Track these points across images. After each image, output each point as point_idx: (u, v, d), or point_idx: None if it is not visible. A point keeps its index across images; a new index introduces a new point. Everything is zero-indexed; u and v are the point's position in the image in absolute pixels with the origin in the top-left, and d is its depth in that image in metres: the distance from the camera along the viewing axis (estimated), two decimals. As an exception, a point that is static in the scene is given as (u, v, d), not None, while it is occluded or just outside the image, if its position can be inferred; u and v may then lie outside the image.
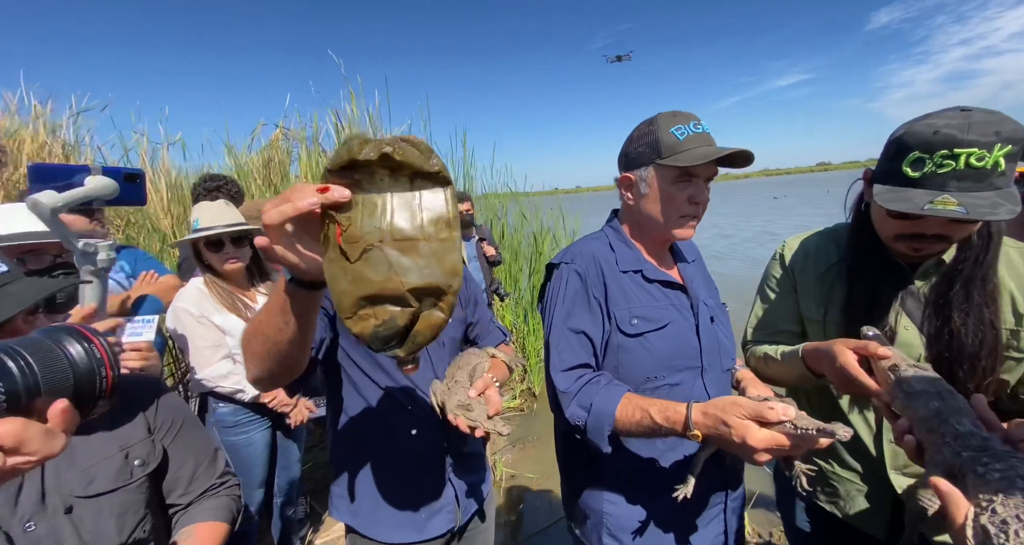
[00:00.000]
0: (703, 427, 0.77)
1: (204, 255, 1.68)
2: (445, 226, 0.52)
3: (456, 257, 0.53)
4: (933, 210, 0.74)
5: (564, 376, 0.94)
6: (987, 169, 0.74)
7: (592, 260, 1.00)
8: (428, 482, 1.10)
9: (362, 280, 0.51)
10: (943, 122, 0.76)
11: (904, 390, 0.66)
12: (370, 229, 0.51)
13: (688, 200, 0.95)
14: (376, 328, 0.53)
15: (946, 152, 0.75)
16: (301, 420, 1.86)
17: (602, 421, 0.87)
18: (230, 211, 1.73)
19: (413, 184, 0.52)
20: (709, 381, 1.01)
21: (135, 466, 0.73)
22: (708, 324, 1.03)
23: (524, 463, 2.91)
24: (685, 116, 0.96)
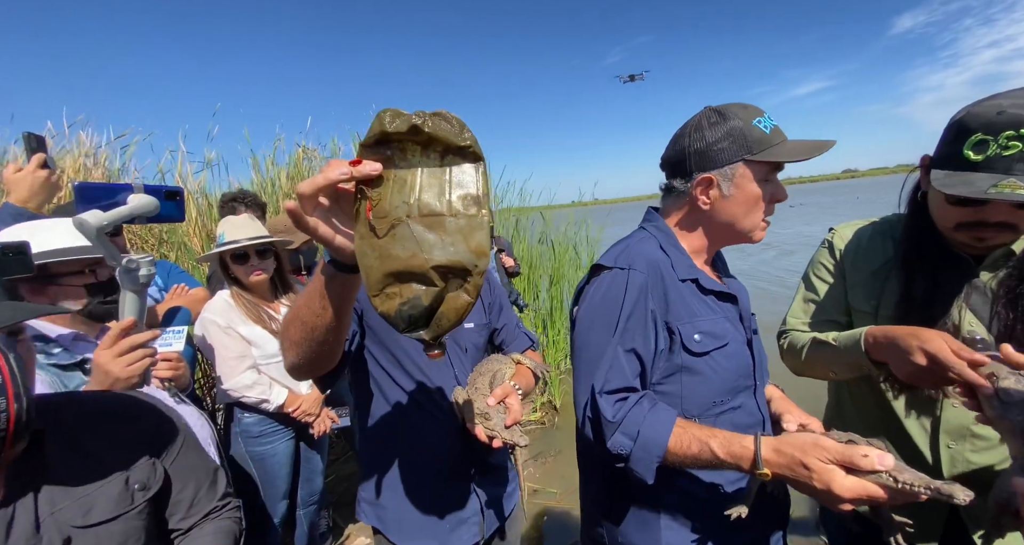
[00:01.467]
0: (775, 466, 0.69)
1: (230, 268, 1.72)
2: (474, 203, 0.51)
3: (483, 236, 0.51)
4: (1000, 194, 0.69)
5: (609, 400, 0.81)
6: None
7: (654, 266, 0.87)
8: (452, 490, 1.08)
9: (388, 256, 0.51)
10: (1009, 102, 0.71)
11: (1001, 399, 0.63)
12: (398, 204, 0.51)
13: (772, 199, 0.87)
14: (400, 306, 0.52)
15: (1012, 133, 0.70)
16: (324, 430, 1.87)
17: (651, 452, 0.77)
18: (254, 224, 1.78)
19: (444, 160, 0.51)
20: (760, 397, 0.94)
21: (136, 491, 0.68)
22: (754, 336, 0.97)
23: (546, 478, 2.84)
24: (756, 108, 0.86)
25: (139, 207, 0.82)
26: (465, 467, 1.08)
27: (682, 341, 0.84)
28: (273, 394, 1.71)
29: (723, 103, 0.89)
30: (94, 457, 0.67)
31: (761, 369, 0.95)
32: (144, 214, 0.84)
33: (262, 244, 1.71)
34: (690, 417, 0.85)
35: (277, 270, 1.83)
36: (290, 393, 1.77)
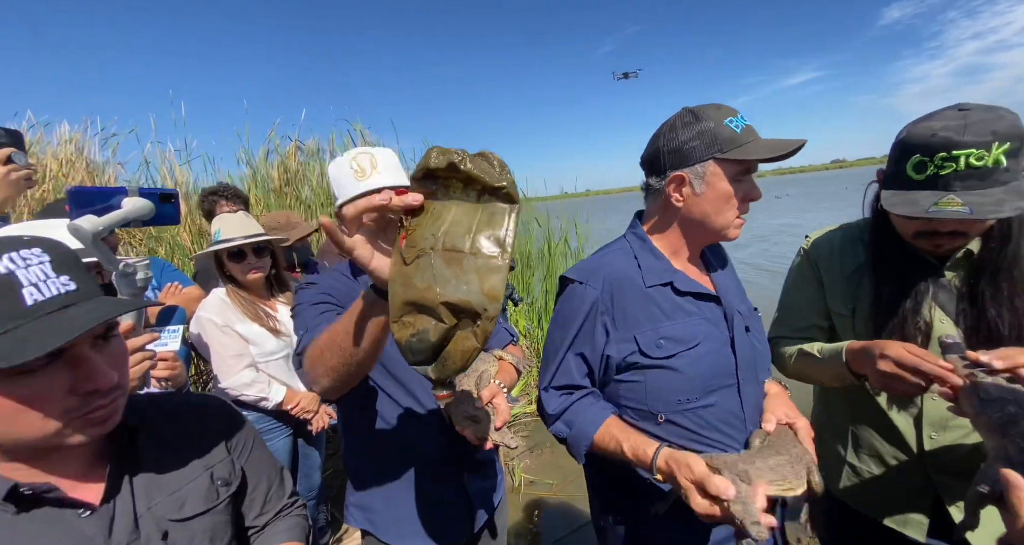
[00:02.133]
0: (664, 473, 0.79)
1: (226, 266, 1.72)
2: (496, 244, 0.51)
3: (498, 281, 0.50)
4: (939, 212, 0.75)
5: (552, 395, 0.97)
6: (988, 167, 0.74)
7: (609, 282, 0.94)
8: (441, 489, 1.10)
9: (409, 285, 0.52)
10: (940, 124, 0.77)
11: (980, 397, 0.68)
12: (427, 235, 0.52)
13: (745, 197, 0.90)
14: (410, 337, 0.52)
15: (945, 154, 0.76)
16: (323, 426, 1.88)
17: (580, 442, 0.92)
18: (250, 222, 1.77)
19: (480, 198, 0.53)
20: (746, 395, 0.94)
21: (219, 487, 0.70)
22: (743, 335, 0.97)
23: (542, 470, 2.89)
24: (729, 109, 0.89)
25: (134, 211, 0.82)
26: (453, 465, 1.09)
27: (641, 348, 0.90)
28: (272, 392, 1.71)
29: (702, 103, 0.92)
30: (181, 453, 0.69)
31: (749, 367, 0.95)
32: (139, 218, 0.83)
33: (259, 242, 1.70)
34: (653, 412, 0.91)
35: (273, 267, 1.82)
36: (288, 390, 1.77)
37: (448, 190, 0.53)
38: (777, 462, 0.77)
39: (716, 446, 0.91)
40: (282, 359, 1.78)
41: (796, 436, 0.86)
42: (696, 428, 0.91)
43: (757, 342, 0.99)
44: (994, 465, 0.60)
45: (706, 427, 0.91)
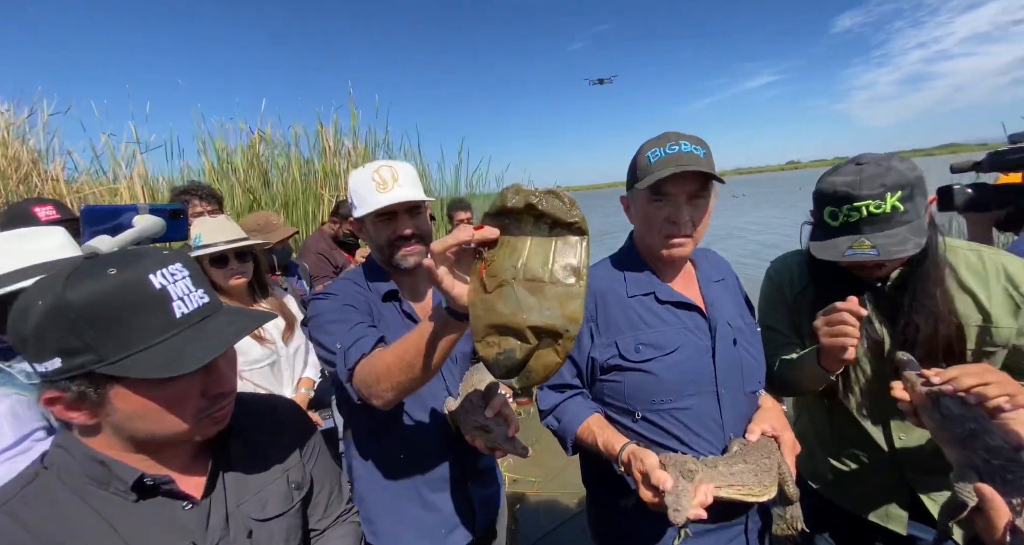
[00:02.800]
0: (625, 465, 0.88)
1: (207, 272, 1.64)
2: (572, 273, 0.57)
3: (578, 305, 0.57)
4: (852, 255, 0.89)
5: (546, 393, 1.08)
6: (888, 213, 0.88)
7: (594, 292, 1.03)
8: (446, 497, 1.12)
9: (493, 311, 0.58)
10: (840, 180, 0.92)
11: (942, 413, 0.74)
12: (507, 267, 0.59)
13: (666, 220, 0.97)
14: (498, 355, 0.59)
15: (849, 206, 0.90)
16: (310, 434, 1.85)
17: (566, 435, 1.03)
18: (231, 226, 1.71)
19: (552, 231, 0.59)
20: (727, 405, 0.99)
21: (294, 490, 0.73)
22: (728, 347, 1.01)
23: (524, 467, 2.94)
24: (667, 137, 0.98)
25: (147, 229, 0.79)
26: (458, 473, 1.12)
27: (621, 352, 0.99)
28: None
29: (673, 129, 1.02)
30: (264, 455, 0.72)
31: (732, 376, 1.00)
32: (151, 235, 0.80)
33: (242, 247, 1.64)
34: (632, 410, 1.00)
35: (255, 272, 1.76)
36: (275, 399, 1.73)
37: (521, 224, 0.59)
38: (741, 469, 0.84)
39: (689, 449, 0.96)
40: (267, 367, 1.74)
41: (779, 448, 0.92)
42: (670, 428, 0.98)
43: (747, 354, 1.04)
44: (962, 476, 0.66)
45: (681, 428, 0.97)
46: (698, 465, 0.83)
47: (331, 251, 3.03)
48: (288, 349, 1.82)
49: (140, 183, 4.13)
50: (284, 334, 1.80)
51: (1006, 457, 0.64)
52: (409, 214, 1.08)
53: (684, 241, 0.98)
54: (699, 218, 0.97)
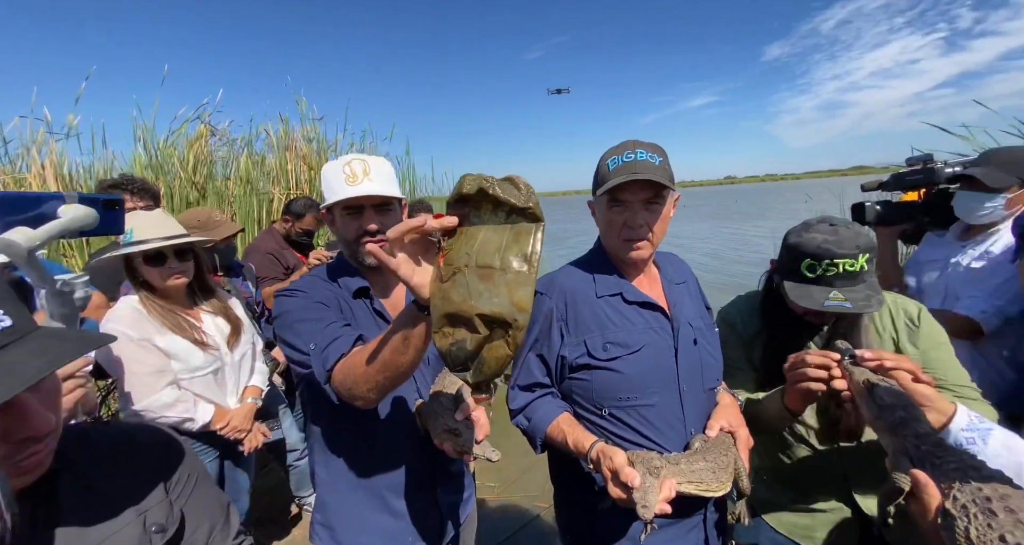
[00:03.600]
0: (594, 463, 0.90)
1: (140, 271, 1.50)
2: (524, 260, 0.56)
3: (527, 293, 0.55)
4: (831, 306, 1.00)
5: (518, 393, 1.09)
6: (858, 271, 1.00)
7: (563, 292, 1.08)
8: (414, 503, 1.08)
9: (447, 299, 0.57)
10: (821, 238, 1.02)
11: (876, 402, 0.80)
12: (462, 254, 0.58)
13: (624, 225, 1.02)
14: (450, 346, 0.57)
15: (829, 261, 1.01)
16: (256, 445, 1.73)
17: (535, 434, 1.05)
18: (170, 222, 1.57)
19: (508, 219, 0.58)
20: (688, 402, 1.04)
21: (153, 533, 0.62)
22: (690, 346, 1.07)
23: (483, 473, 2.90)
24: (625, 146, 1.03)
25: (76, 219, 0.71)
26: (427, 479, 1.09)
27: (589, 351, 1.03)
28: (199, 412, 1.54)
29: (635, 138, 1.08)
30: (109, 498, 0.60)
31: (694, 375, 1.06)
32: (81, 227, 0.72)
33: (184, 244, 1.52)
34: (599, 407, 1.03)
35: (196, 272, 1.63)
36: (217, 409, 1.60)
37: (480, 212, 0.59)
38: (701, 467, 0.90)
39: (655, 444, 1.01)
40: (210, 375, 1.61)
41: (735, 443, 0.98)
42: (636, 425, 1.02)
43: (706, 353, 1.10)
44: (897, 462, 0.71)
45: (646, 425, 1.02)
46: (663, 461, 0.86)
47: (282, 251, 2.86)
48: (233, 355, 1.69)
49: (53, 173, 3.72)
50: (229, 339, 1.68)
51: (933, 442, 0.69)
52: (376, 210, 1.04)
53: (642, 244, 1.04)
54: (654, 222, 1.02)
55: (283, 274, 2.74)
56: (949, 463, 0.63)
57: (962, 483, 0.59)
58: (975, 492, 0.57)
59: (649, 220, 1.02)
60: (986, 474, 0.61)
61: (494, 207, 0.58)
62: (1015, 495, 0.56)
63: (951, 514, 0.57)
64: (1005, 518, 0.54)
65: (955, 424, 0.76)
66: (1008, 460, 0.70)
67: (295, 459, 2.42)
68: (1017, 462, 0.70)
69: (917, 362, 1.02)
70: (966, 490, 0.58)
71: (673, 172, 1.05)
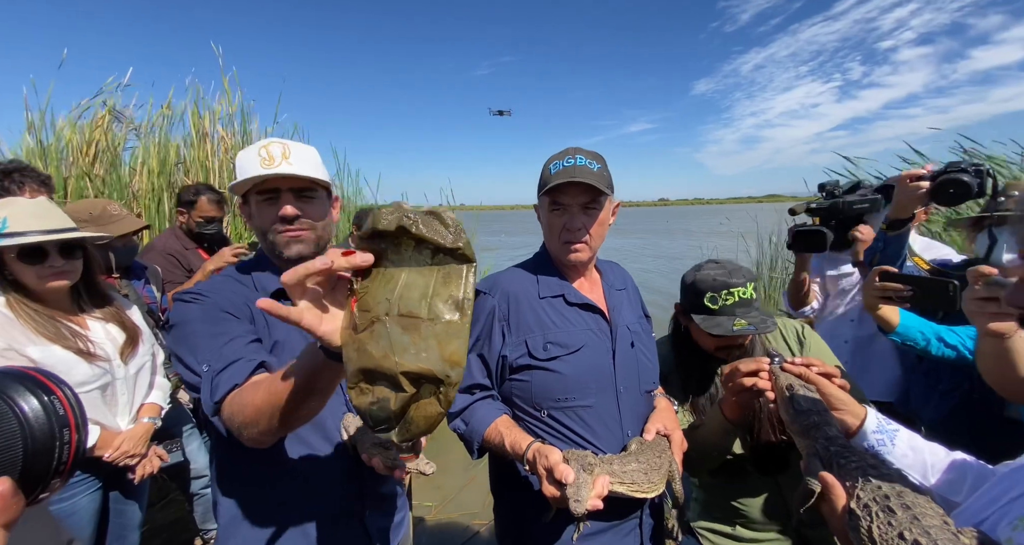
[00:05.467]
0: (530, 463, 0.91)
1: (10, 268, 1.27)
2: (453, 307, 0.48)
3: (459, 345, 0.48)
4: (740, 330, 1.08)
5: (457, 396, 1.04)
6: (750, 298, 1.10)
7: (506, 293, 1.08)
8: (340, 531, 0.97)
9: (364, 352, 0.49)
10: (715, 273, 1.13)
11: (795, 407, 0.84)
12: (381, 300, 0.49)
13: (564, 227, 1.06)
14: (370, 405, 0.50)
15: (726, 292, 1.10)
16: (151, 471, 1.50)
17: (473, 437, 1.03)
18: (55, 212, 1.35)
19: (434, 259, 0.49)
20: (624, 402, 1.07)
21: None
22: (627, 348, 1.10)
23: (420, 491, 2.77)
24: (566, 151, 1.07)
25: None
26: (354, 503, 0.98)
27: (530, 350, 1.04)
28: (79, 435, 1.30)
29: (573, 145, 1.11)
30: None
31: (630, 377, 1.09)
32: None
33: (71, 239, 1.30)
34: (538, 408, 1.05)
35: (85, 273, 1.41)
36: (104, 432, 1.38)
37: (399, 249, 0.50)
38: (635, 468, 0.92)
39: (592, 445, 1.03)
40: (96, 391, 1.38)
41: (669, 446, 1.01)
42: (574, 426, 1.03)
43: (643, 356, 1.14)
44: (809, 464, 0.74)
45: (583, 426, 1.04)
46: (597, 460, 0.87)
47: (184, 252, 2.47)
48: (127, 368, 1.47)
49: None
50: (123, 350, 1.45)
51: (840, 444, 0.72)
52: (296, 195, 0.92)
53: (580, 246, 1.07)
54: (591, 225, 1.06)
55: (184, 278, 2.39)
56: (852, 463, 0.67)
57: (864, 482, 0.62)
58: (875, 491, 0.60)
59: (587, 223, 1.05)
60: (884, 472, 0.64)
61: (417, 245, 0.49)
62: (908, 492, 0.60)
63: (855, 513, 0.60)
64: (903, 515, 0.56)
65: (867, 427, 0.80)
66: (914, 459, 0.74)
67: (202, 487, 2.15)
68: (922, 461, 0.74)
69: None
70: (867, 488, 0.61)
71: (612, 180, 1.08)
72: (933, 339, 1.28)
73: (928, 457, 0.74)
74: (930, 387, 1.57)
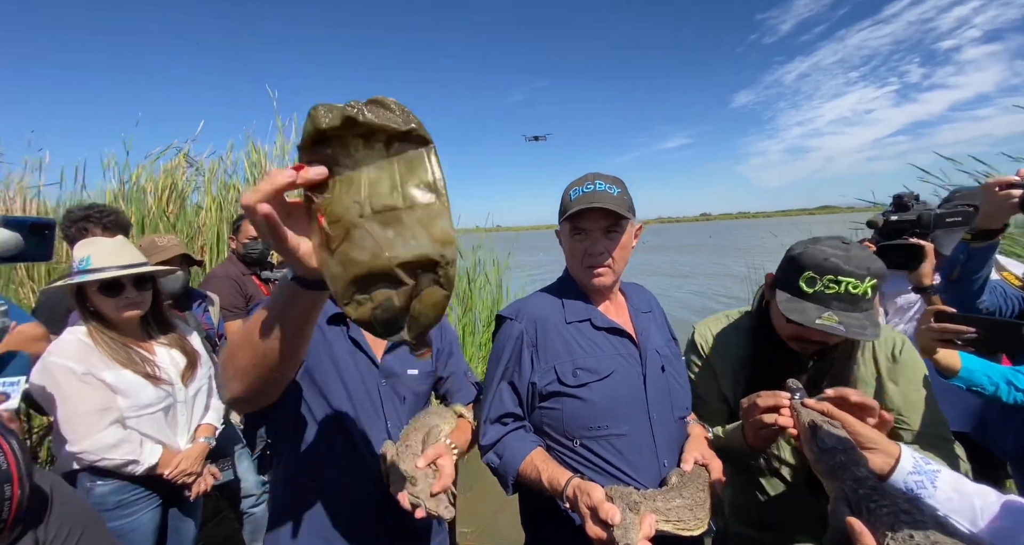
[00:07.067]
0: (570, 500, 0.87)
1: (93, 300, 1.43)
2: (428, 189, 0.47)
3: (445, 223, 0.47)
4: (822, 325, 0.91)
5: (490, 427, 1.05)
6: (859, 295, 0.93)
7: (534, 318, 1.07)
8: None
9: (349, 261, 0.47)
10: (831, 251, 0.95)
11: (819, 445, 0.78)
12: (349, 205, 0.47)
13: (585, 252, 1.05)
14: (374, 311, 0.48)
15: (832, 277, 0.93)
16: (205, 489, 1.60)
17: (507, 472, 1.00)
18: (129, 250, 1.52)
19: (390, 149, 0.47)
20: (658, 430, 1.02)
21: None
22: (658, 373, 1.06)
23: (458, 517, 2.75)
24: (586, 178, 1.07)
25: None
26: (384, 534, 0.99)
27: (559, 377, 1.01)
28: (145, 453, 1.42)
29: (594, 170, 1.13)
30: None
31: (663, 402, 1.04)
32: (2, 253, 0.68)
33: (144, 272, 1.46)
34: (570, 437, 1.01)
35: (152, 303, 1.56)
36: (165, 451, 1.49)
37: (348, 150, 0.47)
38: (679, 504, 0.86)
39: (628, 477, 0.98)
40: (160, 412, 1.50)
41: (709, 477, 0.96)
42: (609, 456, 0.99)
43: (674, 381, 1.10)
44: (836, 507, 0.68)
45: (618, 456, 0.99)
46: (640, 496, 0.83)
47: (241, 277, 2.56)
48: (187, 391, 1.60)
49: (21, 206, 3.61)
50: (184, 374, 1.58)
51: (870, 486, 0.66)
52: None
53: (603, 271, 1.06)
54: (613, 249, 1.05)
55: (243, 303, 2.48)
56: (883, 508, 0.61)
57: (895, 530, 0.57)
58: (907, 540, 0.56)
59: (609, 247, 1.04)
60: (919, 519, 0.59)
61: (366, 140, 0.46)
62: (946, 541, 0.54)
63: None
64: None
65: (901, 467, 0.73)
66: (960, 503, 0.67)
67: (250, 506, 2.24)
68: (970, 505, 0.67)
69: (899, 400, 1.02)
70: (898, 538, 0.56)
71: (633, 203, 1.08)
72: (1002, 383, 1.12)
73: (977, 501, 0.66)
74: (1007, 418, 1.41)
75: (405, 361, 1.08)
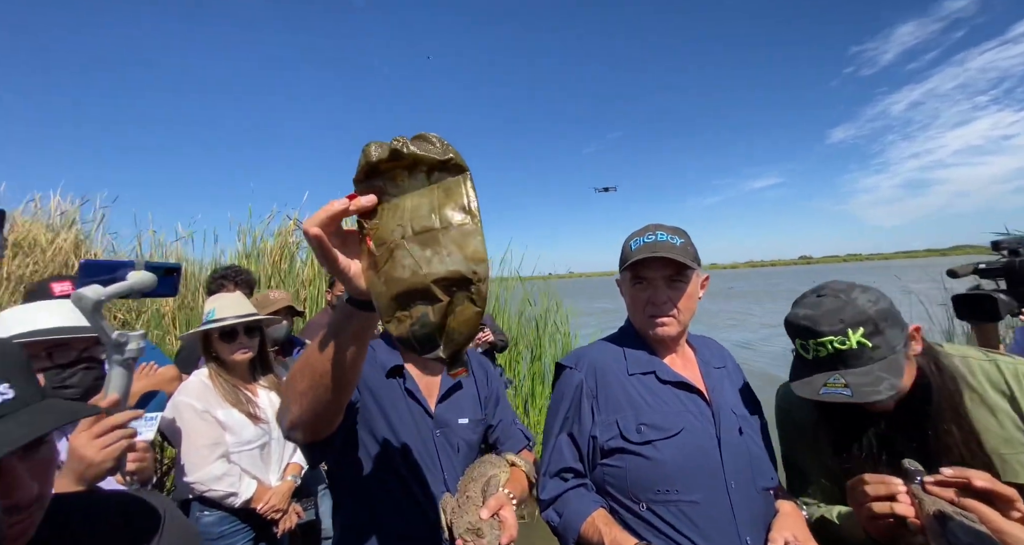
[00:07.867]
0: None
1: (214, 345, 1.68)
2: (462, 211, 0.52)
3: (478, 242, 0.51)
4: (828, 394, 0.82)
5: (549, 481, 1.02)
6: (855, 349, 0.82)
7: (593, 367, 1.04)
8: None
9: (391, 280, 0.52)
10: (803, 312, 0.88)
11: (949, 541, 0.65)
12: (393, 228, 0.53)
13: (648, 301, 1.02)
14: (411, 327, 0.52)
15: (814, 341, 0.85)
16: (290, 526, 1.70)
17: (568, 533, 0.95)
18: (244, 302, 1.78)
19: (431, 178, 0.53)
20: (737, 501, 0.90)
21: None
22: (734, 435, 0.96)
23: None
24: (647, 228, 1.06)
25: (138, 283, 0.86)
26: None
27: (622, 432, 0.95)
28: (243, 487, 1.57)
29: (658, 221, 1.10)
30: None
31: (742, 470, 0.93)
32: (141, 289, 0.87)
33: (252, 321, 1.70)
34: (636, 499, 0.92)
35: (260, 349, 1.78)
36: (259, 486, 1.63)
37: (396, 181, 0.53)
38: None
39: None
40: (257, 449, 1.67)
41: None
42: (679, 525, 0.89)
43: (754, 445, 0.98)
44: None
45: (690, 526, 0.89)
46: None
47: None
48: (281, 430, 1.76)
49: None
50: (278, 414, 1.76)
51: None
52: None
53: (667, 321, 1.01)
54: (678, 299, 1.01)
55: None
56: None
57: None
58: None
59: (672, 296, 1.01)
60: None
61: (410, 171, 0.53)
62: None
63: None
64: None
65: None
66: None
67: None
68: None
69: None
70: None
71: (698, 254, 1.05)
72: None
73: None
74: None
75: (455, 410, 1.09)
